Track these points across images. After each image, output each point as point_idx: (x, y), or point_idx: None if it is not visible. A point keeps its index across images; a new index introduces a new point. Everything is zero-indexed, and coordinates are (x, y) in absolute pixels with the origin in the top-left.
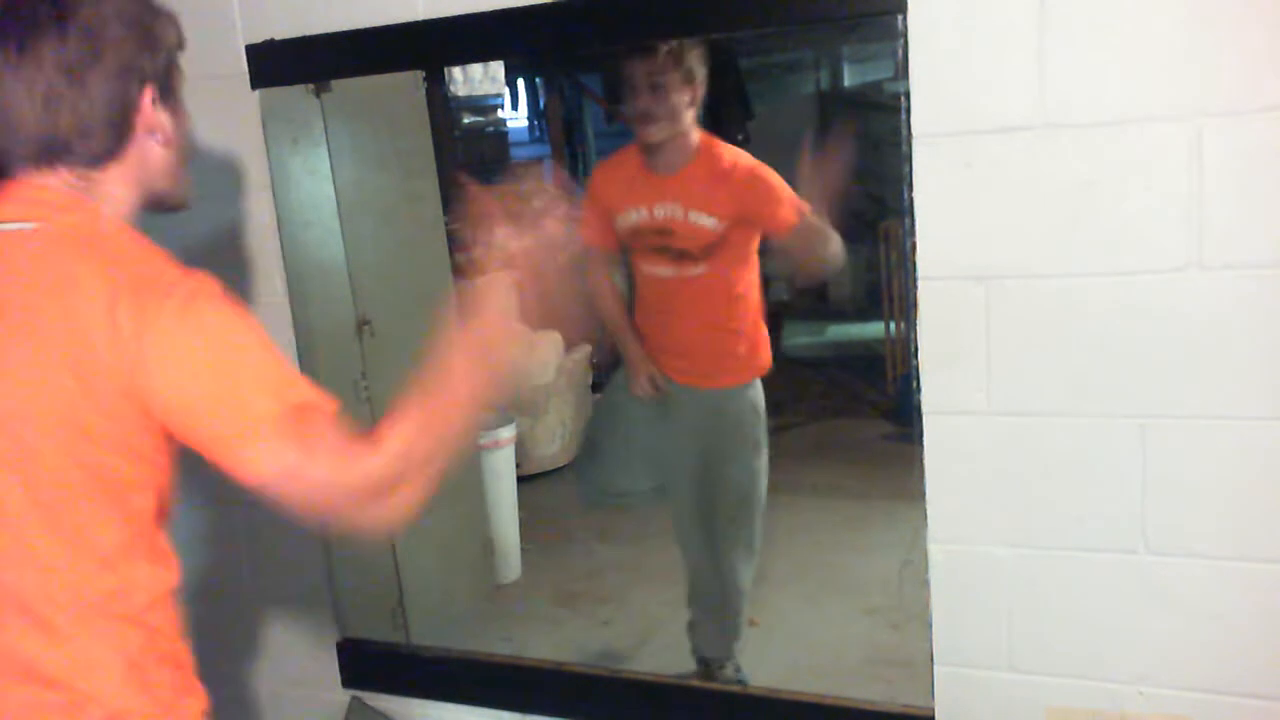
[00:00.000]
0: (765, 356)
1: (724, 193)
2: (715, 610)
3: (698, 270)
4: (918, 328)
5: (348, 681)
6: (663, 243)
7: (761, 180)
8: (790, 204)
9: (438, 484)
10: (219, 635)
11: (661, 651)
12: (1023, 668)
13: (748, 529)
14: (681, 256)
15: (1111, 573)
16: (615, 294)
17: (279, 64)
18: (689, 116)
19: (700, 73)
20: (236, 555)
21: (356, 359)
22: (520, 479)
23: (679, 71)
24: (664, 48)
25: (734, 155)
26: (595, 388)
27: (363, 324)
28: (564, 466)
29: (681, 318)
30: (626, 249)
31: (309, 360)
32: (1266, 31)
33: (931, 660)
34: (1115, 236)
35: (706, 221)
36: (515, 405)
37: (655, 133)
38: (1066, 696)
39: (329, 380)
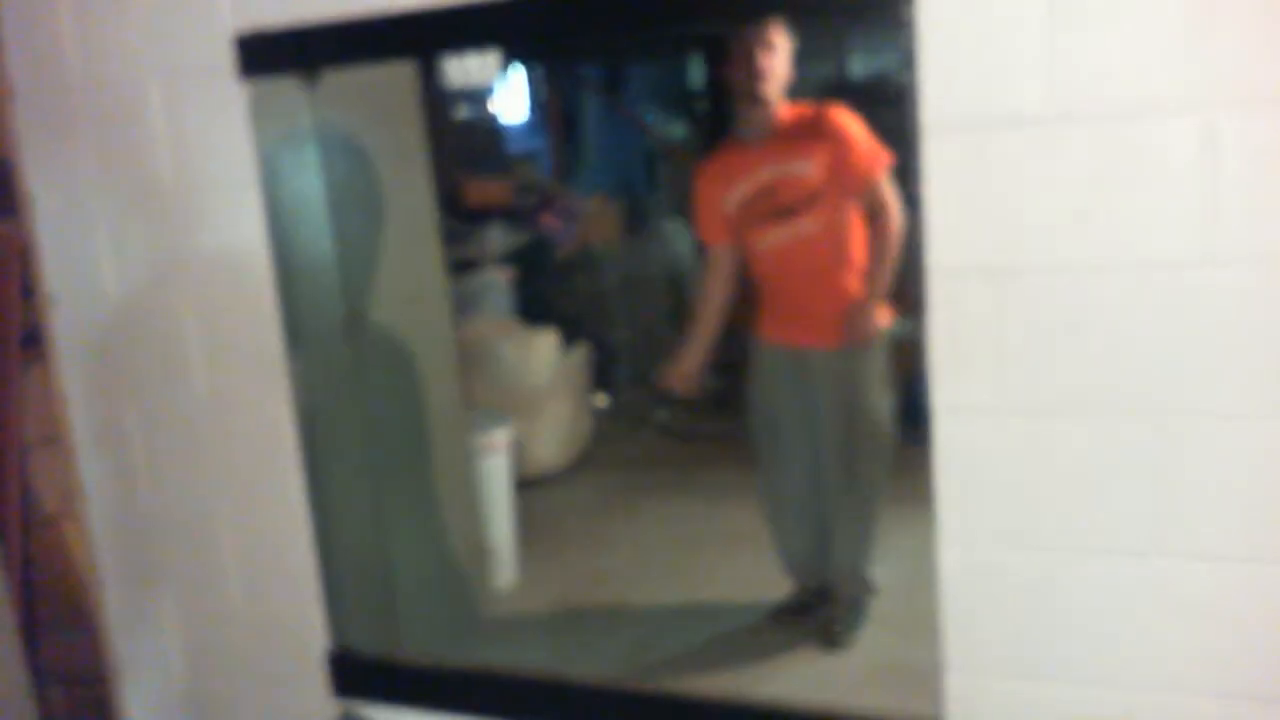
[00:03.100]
0: (883, 314)
1: (814, 137)
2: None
3: (804, 228)
4: (928, 324)
5: (339, 691)
6: (770, 204)
7: (844, 121)
8: (868, 155)
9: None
10: (207, 644)
11: (661, 661)
12: (1035, 676)
13: (871, 462)
14: (788, 213)
15: (1129, 577)
16: (724, 291)
17: (268, 55)
18: (783, 85)
19: (792, 51)
20: (224, 563)
21: (347, 358)
22: (517, 482)
23: (784, 33)
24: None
25: (816, 106)
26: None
27: (353, 320)
28: (562, 470)
29: (800, 280)
30: (739, 227)
31: (298, 360)
32: None
33: (942, 669)
34: (1129, 229)
35: (805, 167)
36: (511, 406)
37: (766, 90)
38: (1081, 706)
39: (318, 377)
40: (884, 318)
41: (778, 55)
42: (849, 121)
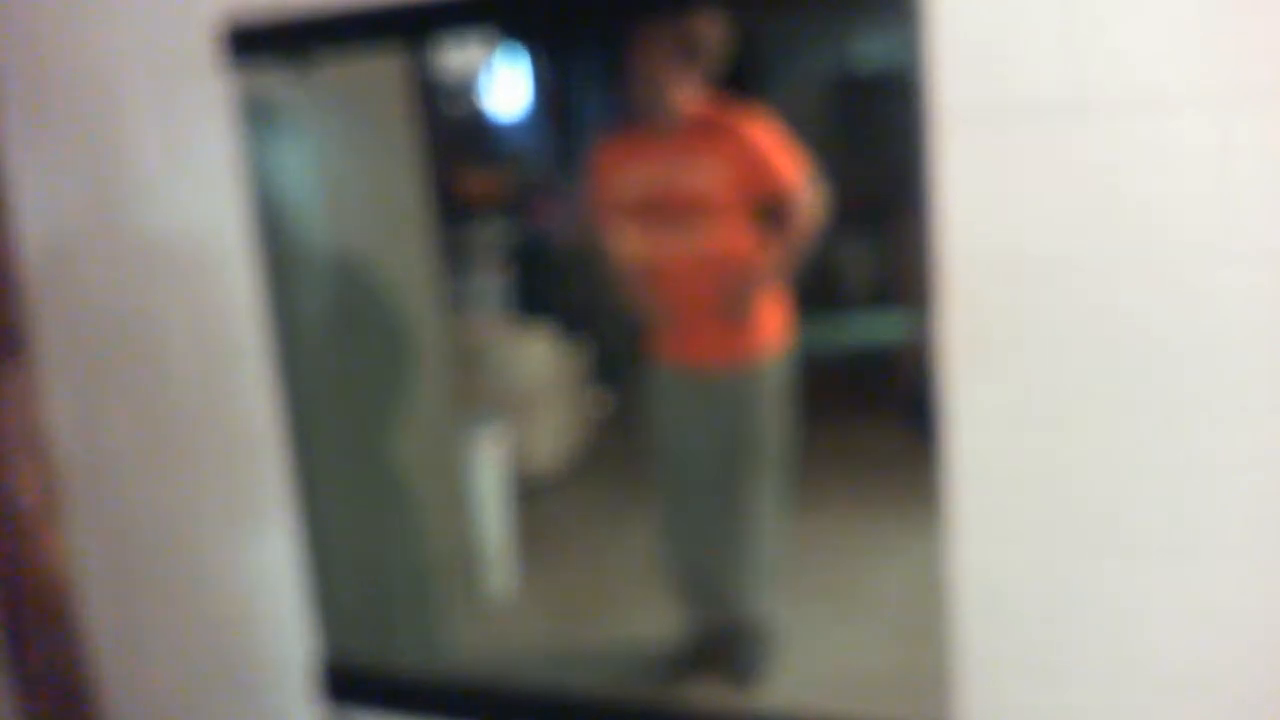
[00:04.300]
0: (781, 334)
1: (722, 151)
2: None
3: (701, 239)
4: (941, 321)
5: (328, 700)
6: (665, 207)
7: (755, 135)
8: (786, 166)
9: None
10: (192, 650)
11: (660, 669)
12: (1050, 681)
13: (757, 497)
14: (684, 221)
15: (1146, 581)
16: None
17: (257, 45)
18: (686, 83)
19: (704, 44)
20: (210, 568)
21: (336, 356)
22: (513, 485)
23: (677, 38)
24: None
25: (734, 115)
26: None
27: (345, 315)
28: (560, 472)
29: (693, 291)
30: (635, 221)
31: (286, 359)
32: None
33: (953, 673)
34: (1147, 224)
35: (704, 179)
36: (507, 405)
37: (647, 93)
38: (1096, 711)
39: (309, 375)
40: (777, 336)
41: (665, 61)
42: (760, 134)
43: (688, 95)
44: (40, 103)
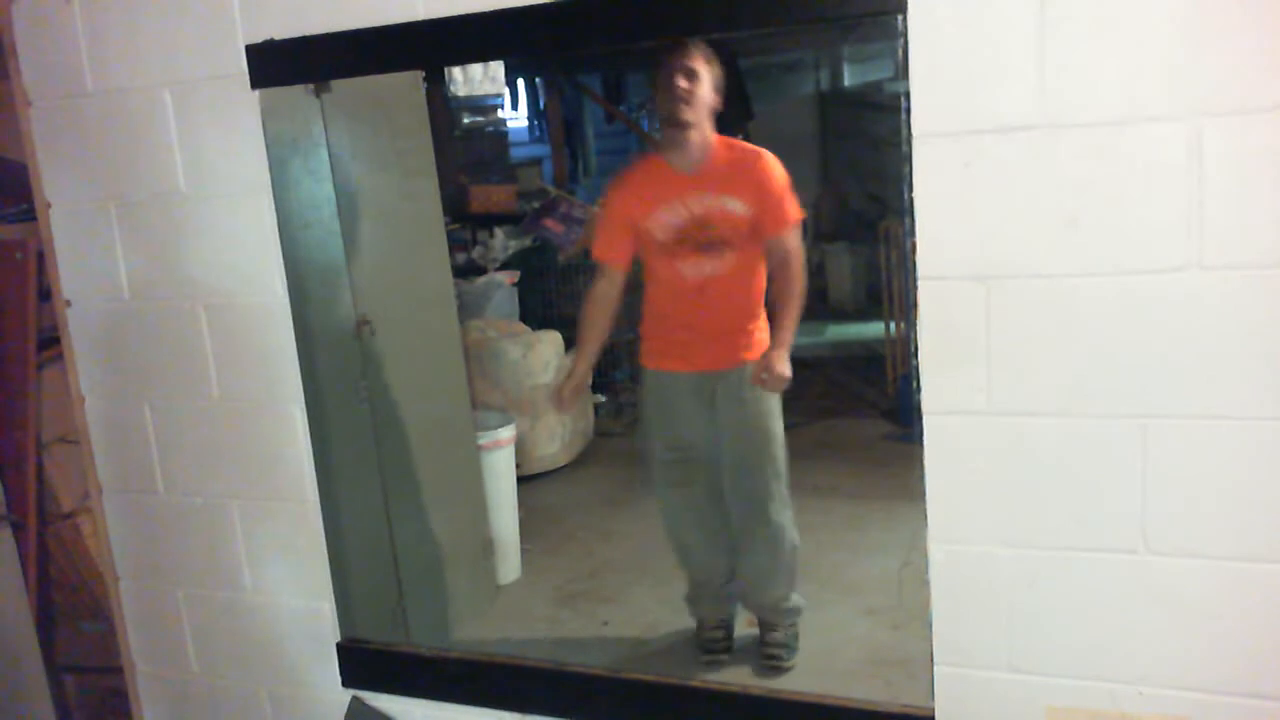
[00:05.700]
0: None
1: (747, 178)
2: (767, 567)
3: (727, 264)
4: (918, 328)
5: (348, 681)
6: (704, 235)
7: (775, 170)
8: (792, 203)
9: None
10: (219, 635)
11: (661, 652)
12: (1023, 667)
13: (776, 482)
14: (720, 246)
15: (1112, 572)
16: (612, 309)
17: (279, 64)
18: (709, 113)
19: (719, 81)
20: (236, 556)
21: (356, 359)
22: (520, 479)
23: (708, 64)
24: (695, 40)
25: (750, 146)
26: (595, 388)
27: (362, 324)
28: (564, 466)
29: (713, 311)
30: (663, 251)
31: (309, 361)
32: (1267, 32)
33: (931, 660)
34: (1116, 236)
35: (738, 206)
36: (515, 405)
37: (688, 114)
38: (1066, 696)
39: (328, 381)
40: (787, 364)
41: (700, 82)
42: (779, 170)
43: (708, 126)
44: (74, 120)
